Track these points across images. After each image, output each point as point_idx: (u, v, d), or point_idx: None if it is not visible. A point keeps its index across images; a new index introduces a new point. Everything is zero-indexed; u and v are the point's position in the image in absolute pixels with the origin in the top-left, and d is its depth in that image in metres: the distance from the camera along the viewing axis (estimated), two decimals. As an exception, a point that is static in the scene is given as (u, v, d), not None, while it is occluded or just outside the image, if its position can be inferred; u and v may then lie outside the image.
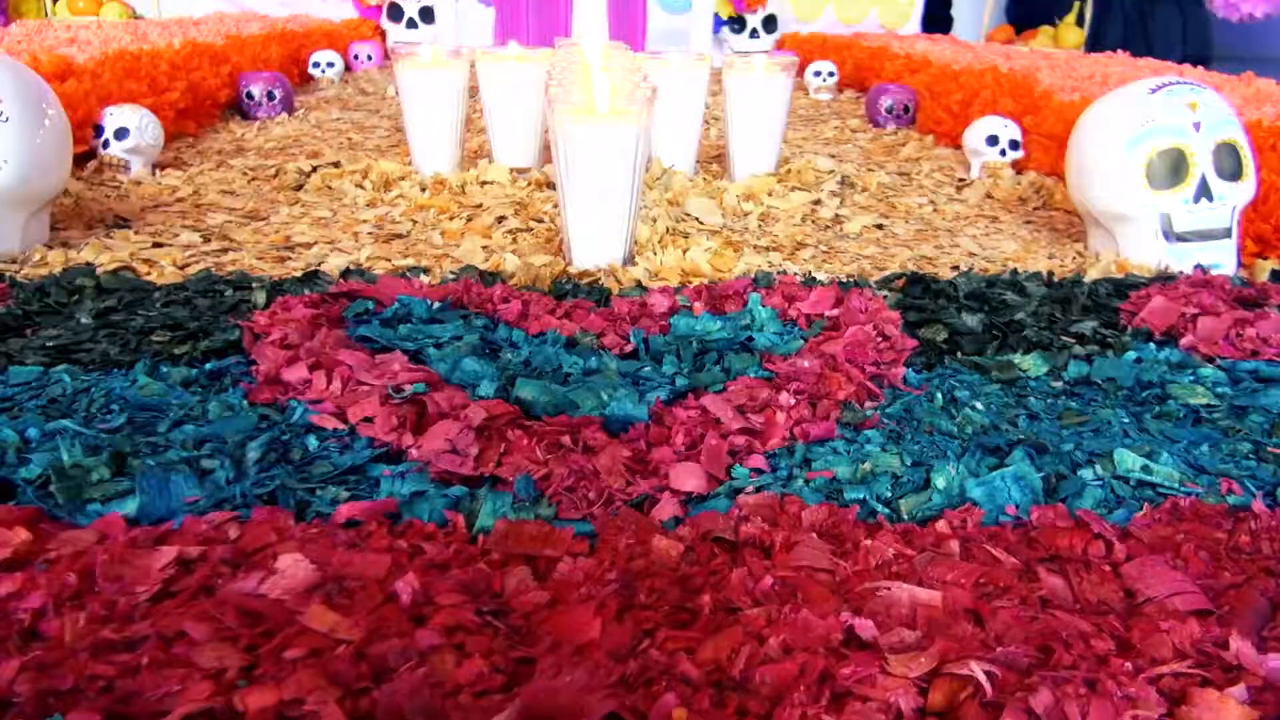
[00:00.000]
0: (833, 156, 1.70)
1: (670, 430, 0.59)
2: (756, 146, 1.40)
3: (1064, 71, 1.95)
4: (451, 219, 1.18)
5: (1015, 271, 1.00)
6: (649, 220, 1.13)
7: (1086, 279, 0.99)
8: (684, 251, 1.03)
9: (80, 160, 1.34)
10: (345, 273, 0.93)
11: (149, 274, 0.94)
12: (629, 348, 0.73)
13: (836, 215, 1.27)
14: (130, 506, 0.52)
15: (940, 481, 0.56)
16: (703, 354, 0.73)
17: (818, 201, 1.32)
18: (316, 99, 2.24)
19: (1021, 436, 0.63)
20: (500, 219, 1.17)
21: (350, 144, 1.68)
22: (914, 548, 0.50)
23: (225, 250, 1.03)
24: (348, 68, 2.82)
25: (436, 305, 0.79)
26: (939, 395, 0.70)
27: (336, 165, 1.40)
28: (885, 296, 0.90)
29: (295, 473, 0.57)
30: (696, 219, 1.19)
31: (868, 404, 0.68)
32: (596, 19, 1.47)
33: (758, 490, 0.55)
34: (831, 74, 2.59)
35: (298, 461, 0.58)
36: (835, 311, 0.79)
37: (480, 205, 1.22)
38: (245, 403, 0.65)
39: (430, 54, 1.34)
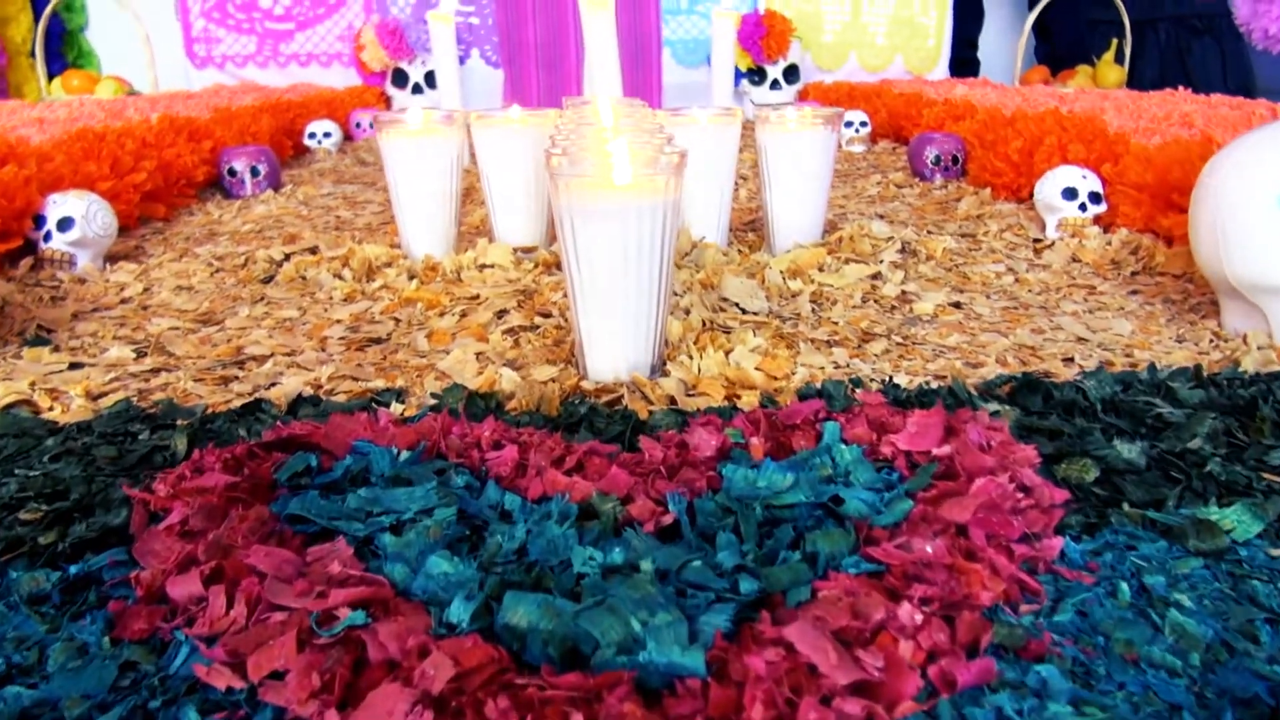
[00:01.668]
0: (881, 217, 1.50)
1: (742, 692, 0.38)
2: (799, 211, 1.20)
3: (1132, 112, 1.75)
4: (442, 315, 0.98)
5: (1154, 368, 0.78)
6: (680, 311, 0.92)
7: (1244, 373, 0.77)
8: (726, 353, 0.82)
9: (18, 257, 1.15)
10: (294, 404, 0.73)
11: (51, 409, 0.74)
12: (666, 519, 0.52)
13: (903, 292, 1.06)
14: None
15: (1194, 786, 0.34)
16: (772, 524, 0.51)
17: (877, 276, 1.11)
18: (310, 172, 2.08)
19: (1284, 672, 0.41)
20: (500, 314, 0.97)
21: (337, 223, 1.50)
22: None
23: (159, 370, 0.83)
24: (349, 137, 2.67)
25: (404, 455, 0.59)
26: (1123, 585, 0.48)
27: (314, 251, 1.21)
28: (998, 413, 0.68)
29: (150, 787, 0.36)
30: (737, 305, 0.99)
31: (1024, 608, 0.46)
32: (610, 74, 1.28)
33: (896, 815, 0.33)
34: (864, 124, 2.41)
35: (160, 760, 0.37)
36: (946, 449, 0.57)
37: (477, 297, 1.02)
38: (108, 641, 0.44)
39: (419, 120, 1.16)
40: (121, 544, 0.53)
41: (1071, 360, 0.85)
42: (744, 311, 0.98)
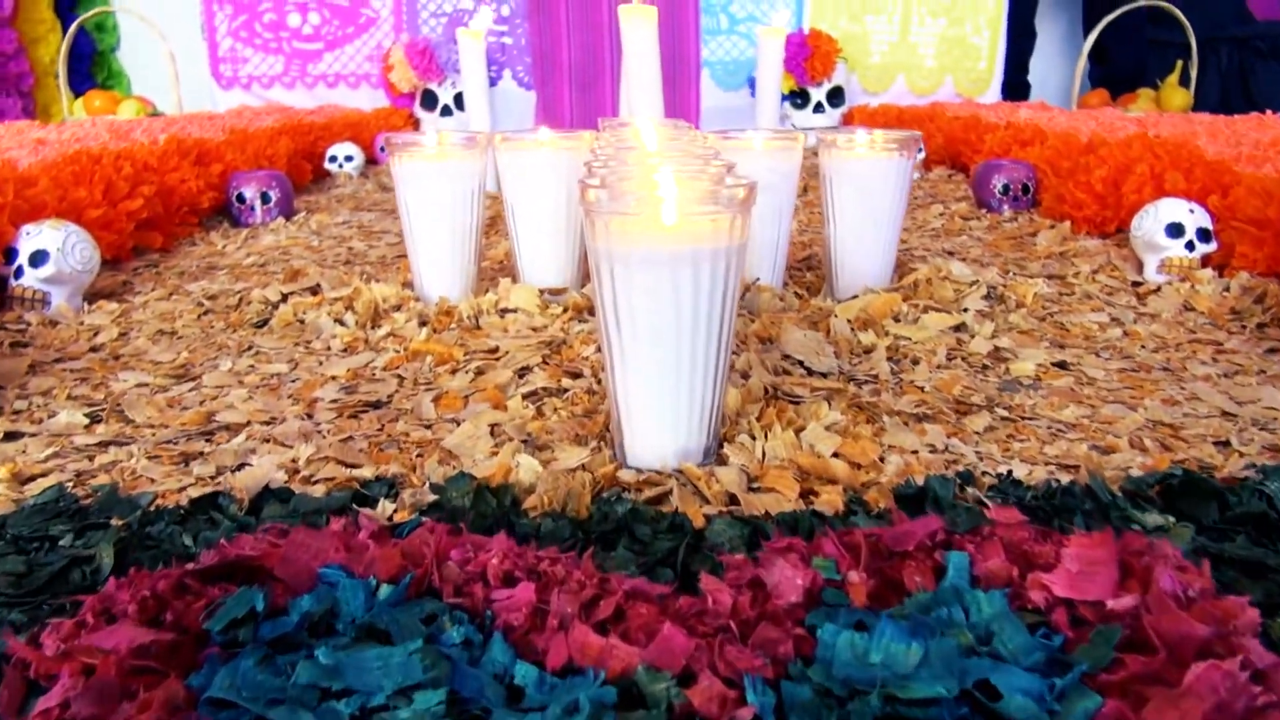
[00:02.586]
0: (950, 253, 1.35)
1: None
2: (867, 250, 1.05)
3: (1227, 137, 1.58)
4: (454, 372, 0.83)
5: (1349, 462, 0.62)
6: (736, 374, 0.77)
7: None
8: (797, 432, 0.67)
9: (-16, 295, 1.03)
10: (259, 498, 0.58)
11: (-35, 498, 0.60)
12: (743, 715, 0.37)
13: (995, 348, 0.90)
14: None
15: None
16: (894, 724, 0.36)
17: (961, 327, 0.95)
18: (328, 198, 1.95)
19: None
20: (522, 372, 0.82)
21: (349, 255, 1.37)
22: None
23: (109, 443, 0.69)
24: (373, 161, 2.55)
25: (384, 591, 0.44)
26: None
27: (315, 292, 1.08)
28: (1165, 530, 0.52)
29: None
30: (801, 363, 0.83)
31: None
32: (651, 93, 1.14)
33: None
34: (918, 150, 2.25)
35: None
36: (1128, 601, 0.41)
37: (495, 350, 0.88)
38: None
39: (436, 143, 1.02)
40: (-15, 728, 0.38)
41: (1226, 444, 0.68)
42: (810, 372, 0.82)
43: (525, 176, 1.02)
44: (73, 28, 2.95)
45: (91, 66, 3.82)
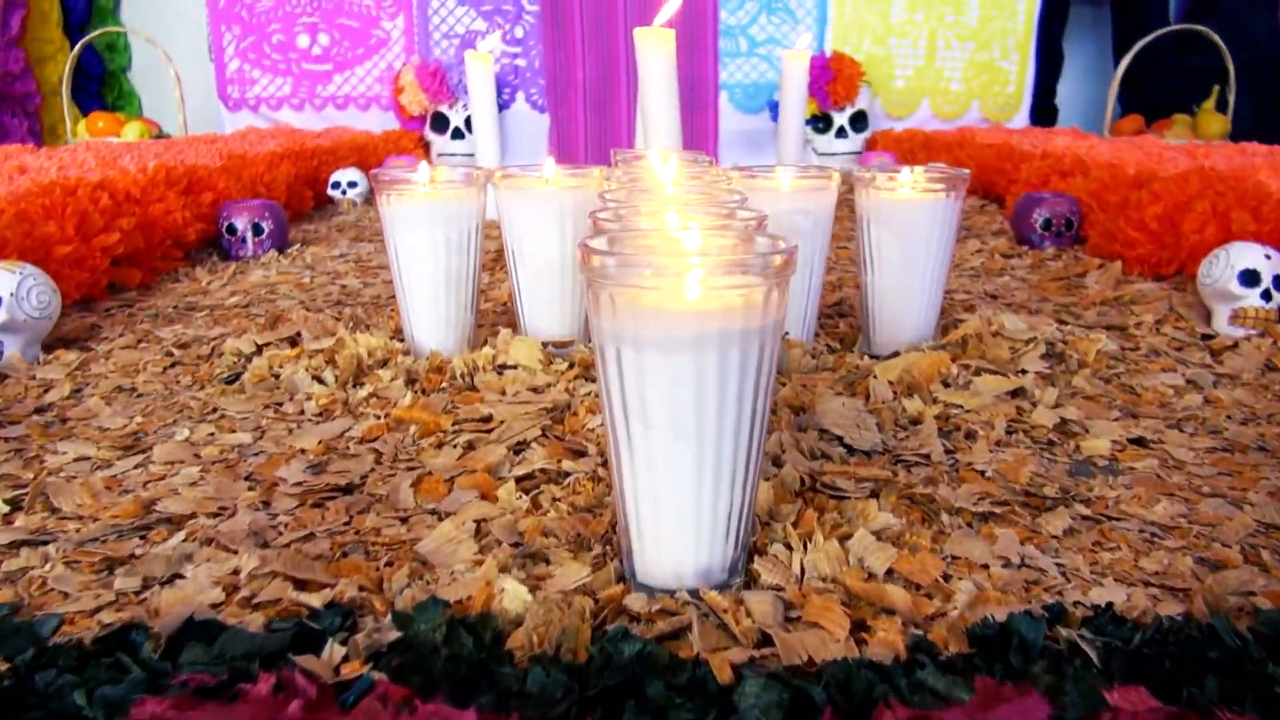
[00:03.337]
0: (994, 297, 1.23)
1: None
2: (910, 300, 0.94)
3: (1290, 171, 1.46)
4: (440, 445, 0.73)
5: None
6: (767, 461, 0.66)
7: None
8: (841, 540, 0.55)
9: (-71, 344, 0.93)
10: (181, 633, 0.47)
11: None
12: None
13: (1062, 420, 0.78)
14: None
15: None
16: None
17: (1020, 392, 0.84)
18: (328, 227, 1.86)
19: None
20: (518, 448, 0.71)
21: (340, 294, 1.26)
22: None
23: (24, 542, 0.58)
24: (379, 186, 2.46)
25: (309, 806, 0.33)
26: None
27: (294, 342, 0.97)
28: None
29: None
30: (841, 440, 0.72)
31: None
32: (669, 123, 1.04)
33: None
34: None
35: None
36: None
37: (489, 419, 0.77)
38: None
39: (428, 181, 0.92)
40: None
41: (1361, 558, 0.56)
42: (851, 451, 0.71)
43: (527, 218, 0.92)
44: (77, 47, 2.89)
45: (102, 87, 3.76)
